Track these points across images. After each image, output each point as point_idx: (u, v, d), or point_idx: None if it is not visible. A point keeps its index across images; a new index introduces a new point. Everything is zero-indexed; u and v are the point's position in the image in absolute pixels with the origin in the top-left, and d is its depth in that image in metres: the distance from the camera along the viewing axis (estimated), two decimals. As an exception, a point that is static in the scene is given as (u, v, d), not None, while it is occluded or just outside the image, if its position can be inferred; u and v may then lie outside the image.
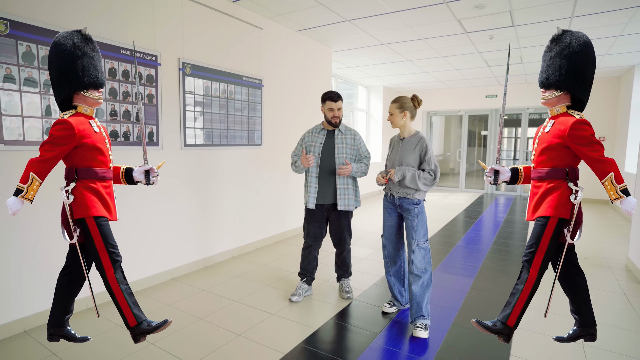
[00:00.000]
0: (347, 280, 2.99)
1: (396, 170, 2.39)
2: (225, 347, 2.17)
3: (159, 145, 3.08)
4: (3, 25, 2.16)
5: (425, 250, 2.40)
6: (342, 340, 2.30)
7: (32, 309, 2.38)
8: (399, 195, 2.46)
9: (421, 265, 2.38)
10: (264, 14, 4.03)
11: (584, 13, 3.86)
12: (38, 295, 2.41)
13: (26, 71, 2.29)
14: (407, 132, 2.48)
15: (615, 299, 2.94)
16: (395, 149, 2.54)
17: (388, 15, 4.01)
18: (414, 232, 2.40)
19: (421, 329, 2.31)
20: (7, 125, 2.21)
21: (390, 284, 2.66)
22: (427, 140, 2.41)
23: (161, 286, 3.10)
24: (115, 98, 2.76)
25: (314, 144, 2.81)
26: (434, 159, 2.39)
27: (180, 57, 3.22)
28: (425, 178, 2.36)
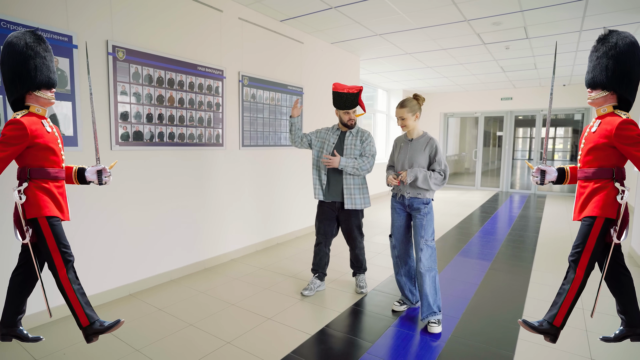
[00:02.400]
0: (361, 275, 3.07)
1: (408, 172, 2.42)
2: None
3: (223, 146, 3.67)
4: (122, 53, 2.76)
5: (432, 248, 2.45)
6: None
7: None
8: (409, 196, 2.49)
9: (428, 263, 2.44)
10: (305, 30, 4.58)
11: (591, 27, 4.31)
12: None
13: (135, 87, 2.89)
14: (416, 133, 2.52)
15: (615, 278, 3.39)
16: (403, 150, 2.55)
17: (414, 30, 4.52)
18: (423, 230, 2.45)
19: (435, 324, 2.40)
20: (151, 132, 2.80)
21: (400, 284, 2.69)
22: (437, 141, 2.47)
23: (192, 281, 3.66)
24: (192, 107, 3.34)
25: (327, 142, 2.92)
26: (443, 159, 2.45)
27: (240, 71, 3.80)
28: (436, 178, 2.41)
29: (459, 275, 3.41)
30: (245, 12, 3.81)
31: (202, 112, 3.43)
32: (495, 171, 10.31)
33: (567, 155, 10.11)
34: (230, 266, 3.63)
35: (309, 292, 2.96)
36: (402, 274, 2.66)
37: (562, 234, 5.07)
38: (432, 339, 2.32)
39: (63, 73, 2.47)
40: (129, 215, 2.92)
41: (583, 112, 8.60)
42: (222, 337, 2.30)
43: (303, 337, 2.32)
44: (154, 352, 2.13)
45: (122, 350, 2.14)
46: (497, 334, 2.37)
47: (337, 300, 2.89)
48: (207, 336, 2.31)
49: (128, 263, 2.93)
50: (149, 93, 2.99)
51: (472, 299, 2.91)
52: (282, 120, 4.40)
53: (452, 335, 2.35)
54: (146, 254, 3.06)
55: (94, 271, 2.72)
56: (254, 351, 2.15)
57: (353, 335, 2.35)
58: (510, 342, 2.27)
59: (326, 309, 2.73)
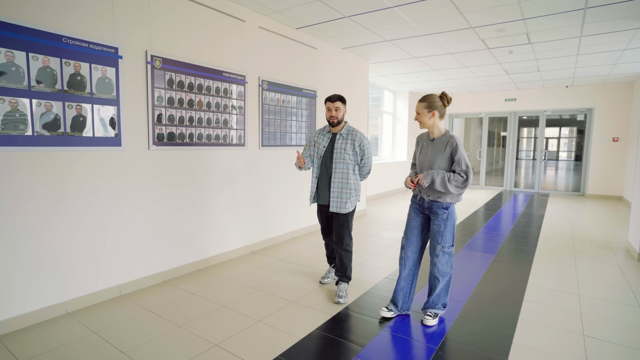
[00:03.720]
0: (343, 284, 2.90)
1: (425, 174, 2.28)
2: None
3: (245, 146, 3.95)
4: (159, 61, 3.06)
5: (448, 255, 2.38)
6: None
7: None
8: (429, 199, 2.37)
9: (443, 268, 2.39)
10: (318, 36, 4.85)
11: (590, 33, 4.55)
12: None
13: (169, 93, 3.17)
14: (437, 132, 2.36)
15: (612, 272, 3.64)
16: (424, 150, 2.43)
17: (422, 36, 4.78)
18: (440, 237, 2.35)
19: (430, 317, 2.44)
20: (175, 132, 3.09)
21: (397, 288, 2.56)
22: (458, 139, 2.29)
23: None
24: (218, 110, 3.62)
25: (318, 146, 2.94)
26: (465, 159, 2.25)
27: (260, 76, 4.08)
28: (457, 180, 2.23)
29: (464, 266, 3.67)
30: (265, 21, 4.09)
31: (227, 114, 3.72)
32: (499, 171, 10.53)
33: (572, 155, 10.31)
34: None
35: (328, 280, 3.15)
36: (403, 276, 2.54)
37: (564, 229, 5.31)
38: (431, 332, 2.37)
39: (110, 81, 2.76)
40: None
41: (585, 112, 8.80)
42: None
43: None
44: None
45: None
46: (500, 316, 2.63)
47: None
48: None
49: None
50: (181, 97, 3.28)
51: (477, 286, 3.17)
52: (297, 122, 4.68)
53: (458, 316, 2.61)
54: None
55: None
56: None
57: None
58: (512, 322, 2.53)
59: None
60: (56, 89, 2.47)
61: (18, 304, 2.37)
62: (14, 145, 2.30)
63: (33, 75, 2.36)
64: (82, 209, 2.66)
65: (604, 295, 3.00)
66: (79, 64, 2.57)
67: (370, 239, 4.74)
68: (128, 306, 2.73)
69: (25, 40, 2.31)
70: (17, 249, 2.36)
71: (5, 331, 2.32)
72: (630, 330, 2.43)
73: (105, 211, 2.80)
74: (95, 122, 2.70)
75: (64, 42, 2.49)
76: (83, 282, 2.69)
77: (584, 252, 4.18)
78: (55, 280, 2.54)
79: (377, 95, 9.57)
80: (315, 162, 2.98)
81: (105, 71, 2.72)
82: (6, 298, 2.33)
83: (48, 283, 2.51)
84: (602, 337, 2.34)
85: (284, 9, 3.87)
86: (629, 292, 3.06)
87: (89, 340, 2.25)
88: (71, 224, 2.60)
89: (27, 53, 2.33)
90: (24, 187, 2.36)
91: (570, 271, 3.56)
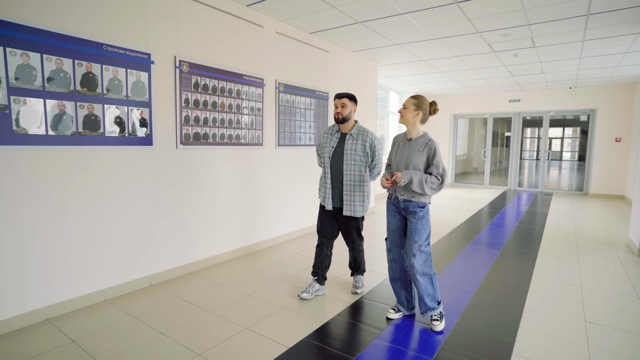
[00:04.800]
0: (359, 276, 2.99)
1: (403, 173, 2.29)
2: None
3: (263, 145, 4.15)
4: (186, 66, 3.26)
5: (426, 254, 2.38)
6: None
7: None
8: (403, 198, 2.40)
9: (422, 269, 2.36)
10: (330, 40, 5.05)
11: (593, 38, 4.72)
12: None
13: (195, 95, 3.38)
14: (415, 132, 2.39)
15: (613, 266, 3.82)
16: (400, 149, 2.44)
17: (430, 40, 4.97)
18: (417, 235, 2.35)
19: (437, 321, 2.39)
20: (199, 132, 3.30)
21: (395, 289, 2.58)
22: (436, 143, 2.33)
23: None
24: (238, 111, 3.83)
25: (326, 146, 2.85)
26: (442, 162, 2.32)
27: (277, 79, 4.28)
28: (432, 182, 2.28)
29: (471, 260, 3.86)
30: (281, 26, 4.29)
31: (246, 115, 3.92)
32: (503, 170, 10.70)
33: (576, 155, 10.45)
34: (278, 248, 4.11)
35: (307, 295, 2.81)
36: (396, 278, 2.55)
37: (567, 227, 5.48)
38: (436, 334, 2.36)
39: (143, 85, 2.97)
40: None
41: (588, 113, 8.96)
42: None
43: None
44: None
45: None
46: (507, 304, 2.82)
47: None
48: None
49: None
50: (205, 100, 3.49)
51: (484, 277, 3.36)
52: (309, 123, 4.88)
53: (468, 304, 2.80)
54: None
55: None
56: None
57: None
58: (518, 309, 2.72)
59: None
60: (97, 93, 2.68)
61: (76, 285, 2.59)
62: (61, 144, 2.51)
63: (77, 80, 2.57)
64: (119, 202, 2.87)
65: (605, 287, 3.18)
66: (116, 69, 2.78)
67: (372, 238, 4.93)
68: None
69: (71, 49, 2.52)
70: (77, 234, 2.57)
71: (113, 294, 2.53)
72: (629, 317, 2.62)
73: (134, 205, 3.01)
74: (130, 123, 2.91)
75: (104, 49, 2.70)
76: (112, 272, 2.91)
77: (586, 248, 4.36)
78: (103, 267, 2.76)
79: (383, 96, 9.75)
80: (325, 163, 2.86)
81: (139, 75, 2.93)
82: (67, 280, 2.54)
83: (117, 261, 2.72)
84: (602, 323, 2.53)
85: (301, 15, 4.07)
86: (629, 284, 3.25)
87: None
88: (109, 214, 2.82)
89: (73, 60, 2.54)
90: (74, 181, 2.58)
91: (573, 265, 3.75)
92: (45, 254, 2.48)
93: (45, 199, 2.46)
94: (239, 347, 2.19)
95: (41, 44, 2.38)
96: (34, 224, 2.43)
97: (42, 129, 2.42)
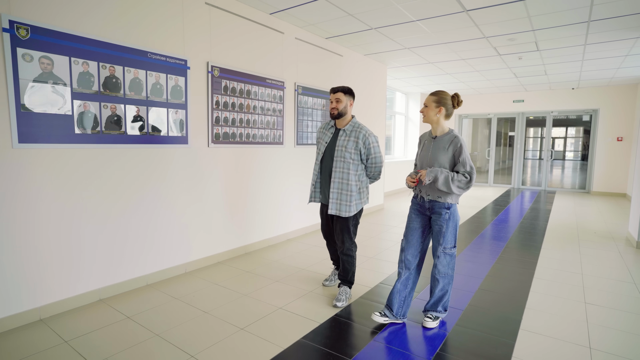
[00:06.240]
0: (344, 287, 2.79)
1: (427, 171, 2.21)
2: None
3: (283, 144, 4.43)
4: (217, 71, 3.55)
5: (451, 256, 2.33)
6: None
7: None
8: (429, 198, 2.30)
9: (444, 270, 2.34)
10: (344, 44, 5.33)
11: (594, 42, 4.98)
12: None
13: (224, 98, 3.67)
14: (440, 130, 2.32)
15: (612, 256, 4.08)
16: (426, 147, 2.36)
17: (439, 44, 5.24)
18: (442, 238, 2.29)
19: (430, 319, 2.40)
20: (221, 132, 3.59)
21: (394, 289, 2.43)
22: (462, 139, 2.24)
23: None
24: (262, 112, 4.11)
25: (321, 142, 2.80)
26: (469, 160, 2.21)
27: (296, 82, 4.56)
28: (460, 181, 2.18)
29: (479, 251, 4.13)
30: (300, 32, 4.57)
31: (269, 116, 4.21)
32: (507, 169, 10.94)
33: (579, 155, 10.68)
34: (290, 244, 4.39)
35: (329, 283, 3.04)
36: (401, 279, 2.43)
37: (569, 222, 5.74)
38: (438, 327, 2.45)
39: (180, 89, 3.25)
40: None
41: (591, 113, 9.19)
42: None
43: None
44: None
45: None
46: (514, 290, 3.08)
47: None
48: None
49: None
50: (234, 102, 3.77)
51: (492, 266, 3.63)
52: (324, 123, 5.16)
53: (478, 289, 3.07)
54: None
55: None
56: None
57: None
58: (524, 294, 2.99)
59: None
60: (142, 97, 2.97)
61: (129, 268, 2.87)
62: (113, 143, 2.80)
63: (127, 86, 2.86)
64: (165, 194, 3.16)
65: (604, 274, 3.45)
66: (159, 75, 3.07)
67: (384, 232, 5.20)
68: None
69: (121, 57, 2.81)
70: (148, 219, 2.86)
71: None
72: (624, 300, 2.88)
73: (178, 197, 3.29)
74: (170, 124, 3.19)
75: (149, 57, 2.98)
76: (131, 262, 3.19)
77: (587, 241, 4.62)
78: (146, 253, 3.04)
79: (390, 97, 10.01)
80: (317, 159, 2.82)
81: (177, 80, 3.21)
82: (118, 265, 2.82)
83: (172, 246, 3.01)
84: (600, 304, 2.79)
85: (319, 22, 4.34)
86: (626, 271, 3.51)
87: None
88: (157, 206, 3.10)
89: (123, 67, 2.82)
90: (130, 172, 2.86)
91: (575, 256, 4.01)
92: (107, 240, 2.77)
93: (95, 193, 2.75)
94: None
95: (97, 54, 2.67)
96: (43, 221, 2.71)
97: (98, 129, 2.71)
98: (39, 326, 2.39)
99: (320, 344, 2.22)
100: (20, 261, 2.38)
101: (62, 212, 2.55)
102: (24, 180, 2.36)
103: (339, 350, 2.15)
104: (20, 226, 2.36)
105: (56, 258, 2.54)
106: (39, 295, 2.48)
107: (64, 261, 2.58)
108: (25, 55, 2.31)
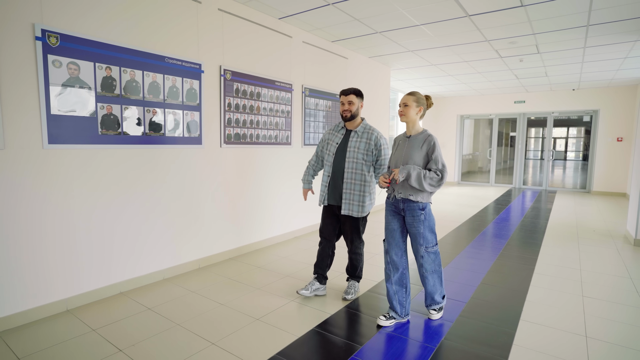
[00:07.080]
0: (353, 281, 2.91)
1: (400, 169, 2.23)
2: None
3: (291, 145, 4.58)
4: (229, 74, 3.69)
5: (435, 254, 2.38)
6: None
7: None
8: (401, 196, 2.32)
9: (432, 267, 2.39)
10: (349, 47, 5.47)
11: (593, 45, 5.11)
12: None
13: (236, 100, 3.81)
14: (415, 129, 2.36)
15: (610, 253, 4.21)
16: (400, 147, 2.40)
17: (442, 47, 5.37)
18: (421, 239, 2.33)
19: (435, 312, 2.50)
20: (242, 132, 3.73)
21: (390, 293, 2.46)
22: (436, 138, 2.29)
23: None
24: (271, 113, 4.25)
25: (331, 143, 2.81)
26: (441, 158, 2.26)
27: (303, 84, 4.71)
28: (432, 178, 2.21)
29: (481, 248, 4.26)
30: (307, 36, 4.71)
31: (277, 117, 4.35)
32: (508, 169, 11.06)
33: (580, 155, 10.81)
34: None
35: (305, 292, 2.81)
36: (392, 281, 2.45)
37: (569, 221, 5.87)
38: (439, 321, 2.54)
39: (195, 91, 3.39)
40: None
41: (591, 114, 9.31)
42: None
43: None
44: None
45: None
46: (515, 285, 3.22)
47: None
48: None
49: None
50: (244, 104, 3.91)
51: (494, 262, 3.76)
52: (330, 124, 5.30)
53: (480, 283, 3.21)
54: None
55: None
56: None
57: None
58: (524, 288, 3.12)
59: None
60: (160, 99, 3.11)
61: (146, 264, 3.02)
62: (133, 143, 2.95)
63: (146, 89, 3.00)
64: (177, 193, 3.31)
65: (602, 270, 3.58)
66: (175, 78, 3.21)
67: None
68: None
69: (141, 62, 2.95)
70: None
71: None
72: (620, 293, 3.01)
73: (194, 196, 3.44)
74: (185, 125, 3.34)
75: (166, 61, 3.13)
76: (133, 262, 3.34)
77: (586, 239, 4.75)
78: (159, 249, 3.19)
79: (392, 97, 10.15)
80: (327, 160, 2.82)
81: (192, 83, 3.36)
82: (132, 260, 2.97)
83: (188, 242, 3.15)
84: (597, 297, 2.93)
85: (326, 26, 4.48)
86: (623, 267, 3.64)
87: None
88: (173, 205, 3.25)
89: (142, 72, 2.97)
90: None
91: (574, 252, 4.14)
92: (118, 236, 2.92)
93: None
94: (250, 336, 2.27)
95: (119, 59, 2.81)
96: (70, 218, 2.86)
97: (119, 130, 2.85)
98: (66, 316, 2.54)
99: (332, 332, 2.36)
100: (53, 256, 2.53)
101: (92, 209, 2.70)
102: (54, 177, 2.51)
103: (349, 339, 2.29)
104: (53, 221, 2.51)
105: (86, 253, 2.69)
106: (69, 287, 2.64)
107: (94, 255, 2.73)
108: (55, 61, 2.46)
